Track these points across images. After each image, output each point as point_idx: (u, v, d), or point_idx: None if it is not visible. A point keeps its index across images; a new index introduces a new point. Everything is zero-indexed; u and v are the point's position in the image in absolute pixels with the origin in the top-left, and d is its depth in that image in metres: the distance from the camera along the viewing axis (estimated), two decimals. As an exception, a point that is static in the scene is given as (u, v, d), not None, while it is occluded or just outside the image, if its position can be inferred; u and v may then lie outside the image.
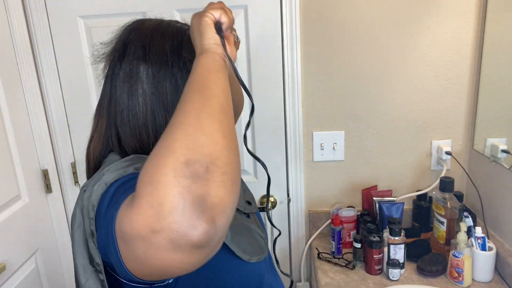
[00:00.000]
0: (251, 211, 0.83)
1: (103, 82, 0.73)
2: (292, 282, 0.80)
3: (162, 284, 0.61)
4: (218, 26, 0.65)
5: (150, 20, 0.74)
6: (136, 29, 0.71)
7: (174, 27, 0.72)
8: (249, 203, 0.85)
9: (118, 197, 0.53)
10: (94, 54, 0.75)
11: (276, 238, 0.92)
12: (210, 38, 0.63)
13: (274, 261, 0.82)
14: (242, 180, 0.92)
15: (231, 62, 0.64)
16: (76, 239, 0.63)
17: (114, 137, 0.71)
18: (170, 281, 0.62)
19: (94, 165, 0.74)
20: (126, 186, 0.55)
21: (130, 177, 0.58)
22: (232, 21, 0.67)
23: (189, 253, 0.43)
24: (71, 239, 0.65)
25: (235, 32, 0.75)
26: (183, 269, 0.45)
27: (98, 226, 0.57)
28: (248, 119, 0.71)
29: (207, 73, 0.57)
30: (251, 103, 0.69)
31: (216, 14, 0.65)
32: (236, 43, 0.77)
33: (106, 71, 0.72)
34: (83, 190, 0.64)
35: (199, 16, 0.65)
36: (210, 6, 0.66)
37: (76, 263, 0.63)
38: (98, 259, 0.58)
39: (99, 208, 0.58)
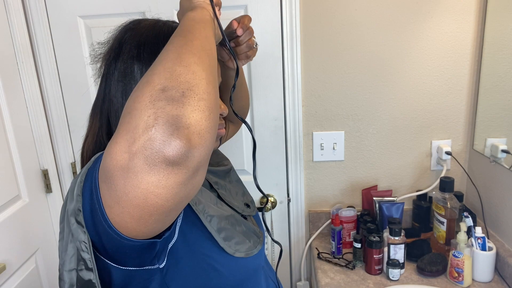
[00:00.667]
0: (249, 213, 0.83)
1: (98, 81, 0.73)
2: (281, 250, 0.81)
3: (152, 267, 0.61)
4: None
5: (146, 20, 0.74)
6: (132, 28, 0.71)
7: (170, 26, 0.72)
8: (247, 205, 0.85)
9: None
10: (92, 54, 0.75)
11: (265, 205, 0.92)
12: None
13: (265, 230, 0.82)
14: (242, 183, 0.93)
15: (218, 23, 0.66)
16: (61, 230, 0.63)
17: (105, 136, 0.70)
18: (162, 265, 0.62)
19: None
20: None
21: None
22: None
23: (164, 172, 0.44)
24: (59, 233, 0.64)
25: (255, 38, 0.77)
26: (162, 197, 0.45)
27: (84, 194, 0.55)
28: (233, 81, 0.73)
29: (193, 23, 0.58)
30: (235, 65, 0.71)
31: None
32: (254, 50, 0.79)
33: (101, 70, 0.72)
34: (74, 179, 0.64)
35: None
36: None
37: (63, 256, 0.62)
38: (83, 237, 0.55)
39: (85, 179, 0.56)
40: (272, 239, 0.79)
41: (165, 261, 0.62)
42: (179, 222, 0.63)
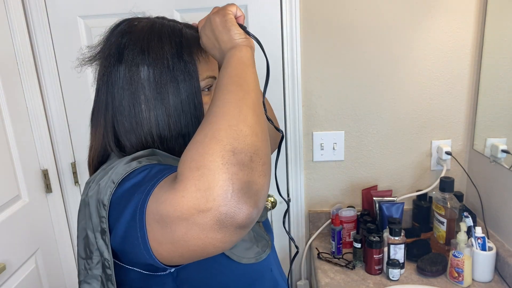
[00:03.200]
0: (259, 220, 0.82)
1: (95, 88, 0.71)
2: (296, 252, 0.83)
3: (164, 273, 0.63)
4: (238, 22, 0.69)
5: (140, 21, 0.71)
6: (130, 32, 0.69)
7: (168, 27, 0.70)
8: None
9: (145, 185, 0.54)
10: (79, 58, 0.73)
11: (286, 211, 0.92)
12: (238, 34, 0.66)
13: (287, 234, 0.85)
14: None
15: (260, 46, 0.70)
16: (80, 231, 0.65)
17: (113, 144, 0.70)
18: (172, 270, 0.64)
19: (94, 172, 0.74)
20: (149, 176, 0.56)
21: (148, 170, 0.59)
22: (243, 16, 0.71)
23: (232, 233, 0.47)
24: (77, 232, 0.67)
25: None
26: (220, 248, 0.49)
27: (114, 221, 0.58)
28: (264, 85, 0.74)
29: (243, 66, 0.61)
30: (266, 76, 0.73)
31: (233, 9, 0.69)
32: None
33: (102, 77, 0.70)
34: (88, 185, 0.65)
35: (221, 14, 0.67)
36: (227, 5, 0.70)
37: (81, 253, 0.64)
38: (107, 255, 0.59)
39: (113, 206, 0.58)
40: (295, 245, 0.80)
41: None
42: None
